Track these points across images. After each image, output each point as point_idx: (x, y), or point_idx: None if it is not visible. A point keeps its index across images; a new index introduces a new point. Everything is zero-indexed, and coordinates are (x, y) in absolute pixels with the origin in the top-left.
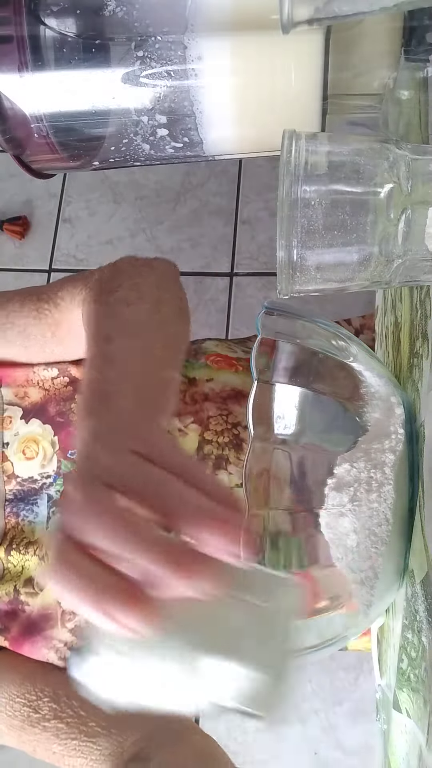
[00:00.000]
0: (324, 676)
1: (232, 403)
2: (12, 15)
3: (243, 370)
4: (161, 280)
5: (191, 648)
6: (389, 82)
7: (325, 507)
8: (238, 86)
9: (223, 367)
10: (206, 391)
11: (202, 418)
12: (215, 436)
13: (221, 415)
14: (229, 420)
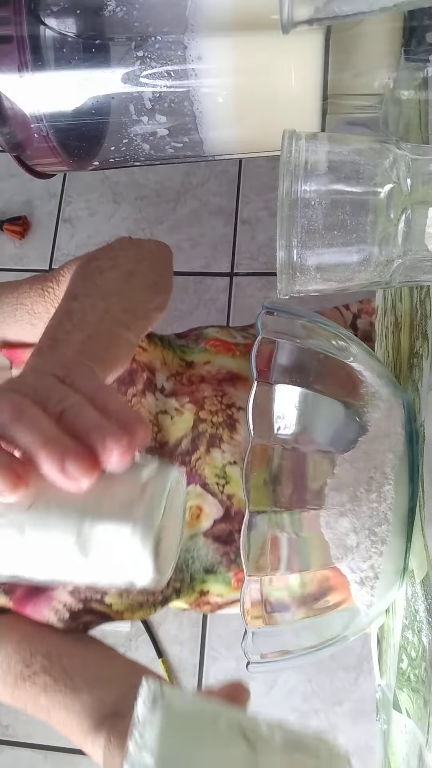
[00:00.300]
0: (324, 676)
1: (227, 385)
2: (12, 15)
3: (240, 355)
4: (142, 256)
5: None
6: (389, 82)
7: (325, 507)
8: (238, 86)
9: (221, 351)
10: (203, 373)
11: (198, 399)
12: (210, 415)
13: (216, 396)
14: (224, 401)
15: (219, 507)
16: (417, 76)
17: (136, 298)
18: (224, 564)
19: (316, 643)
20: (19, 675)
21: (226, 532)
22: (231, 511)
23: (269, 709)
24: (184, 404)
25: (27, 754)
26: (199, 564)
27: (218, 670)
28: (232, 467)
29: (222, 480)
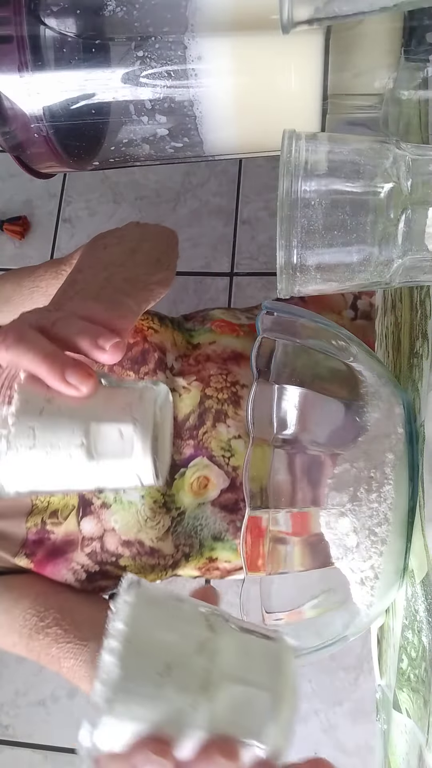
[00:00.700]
0: (324, 676)
1: (231, 364)
2: (12, 15)
3: (244, 335)
4: (147, 236)
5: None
6: (389, 82)
7: (325, 507)
8: (238, 86)
9: (226, 331)
10: (209, 352)
11: (204, 377)
12: (215, 392)
13: (221, 374)
14: (229, 379)
15: (225, 478)
16: (417, 76)
17: (138, 271)
18: (231, 531)
19: (316, 643)
20: (33, 627)
21: (232, 501)
22: (236, 482)
23: None
24: (191, 382)
25: (27, 754)
26: (208, 531)
27: None
28: (237, 441)
29: (227, 453)
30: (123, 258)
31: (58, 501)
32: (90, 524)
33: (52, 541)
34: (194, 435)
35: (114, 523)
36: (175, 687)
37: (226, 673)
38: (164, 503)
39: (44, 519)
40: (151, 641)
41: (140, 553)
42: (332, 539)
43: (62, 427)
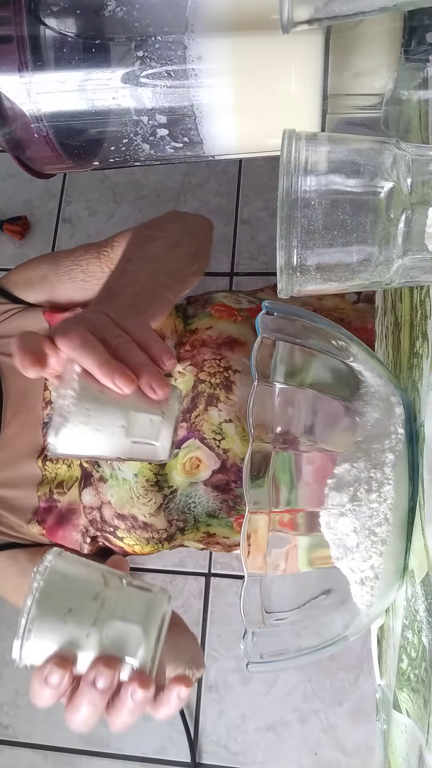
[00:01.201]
0: (324, 676)
1: (225, 350)
2: (12, 15)
3: (241, 320)
4: (187, 229)
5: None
6: (389, 82)
7: (325, 507)
8: (238, 86)
9: (224, 316)
10: (204, 337)
11: (198, 362)
12: (208, 377)
13: (215, 359)
14: (222, 364)
15: (216, 459)
16: (417, 76)
17: (178, 265)
18: (224, 510)
19: (316, 643)
20: None
21: (224, 482)
22: (227, 464)
23: (269, 709)
24: (186, 367)
25: (27, 754)
26: (201, 509)
27: (218, 670)
28: (228, 424)
29: (219, 436)
30: (166, 252)
31: (64, 473)
32: (89, 495)
33: (58, 509)
34: (187, 418)
35: (110, 497)
36: (74, 623)
37: (111, 613)
38: (156, 482)
39: (51, 489)
40: (59, 592)
41: (134, 526)
42: (332, 539)
43: (109, 412)
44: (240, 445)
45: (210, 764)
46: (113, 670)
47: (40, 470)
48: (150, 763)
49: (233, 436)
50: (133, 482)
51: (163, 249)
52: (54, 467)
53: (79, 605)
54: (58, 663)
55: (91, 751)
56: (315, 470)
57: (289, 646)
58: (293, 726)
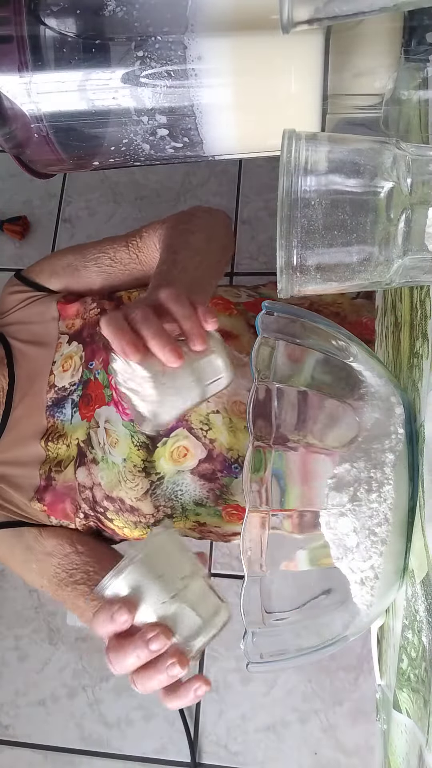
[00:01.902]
0: (324, 676)
1: None
2: (12, 15)
3: (237, 314)
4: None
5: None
6: (389, 82)
7: (325, 507)
8: (238, 86)
9: (220, 310)
10: None
11: None
12: None
13: None
14: None
15: (203, 449)
16: (417, 76)
17: (214, 257)
18: (211, 499)
19: (316, 643)
20: (63, 580)
21: (210, 471)
22: (213, 453)
23: (269, 709)
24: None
25: (27, 754)
26: (188, 497)
27: (218, 670)
28: (215, 415)
29: (206, 426)
30: (205, 245)
31: (63, 452)
32: (83, 474)
33: (53, 487)
34: None
35: (101, 479)
36: (158, 587)
37: (187, 598)
38: (144, 468)
39: (51, 467)
40: (160, 558)
41: (122, 509)
42: (332, 539)
43: (179, 376)
44: (226, 436)
45: (210, 764)
46: (168, 640)
47: (43, 450)
48: (150, 763)
49: (220, 427)
50: (122, 466)
51: (202, 242)
52: (56, 447)
53: (169, 577)
54: (128, 607)
55: (91, 751)
56: (314, 470)
57: (289, 646)
58: (293, 726)
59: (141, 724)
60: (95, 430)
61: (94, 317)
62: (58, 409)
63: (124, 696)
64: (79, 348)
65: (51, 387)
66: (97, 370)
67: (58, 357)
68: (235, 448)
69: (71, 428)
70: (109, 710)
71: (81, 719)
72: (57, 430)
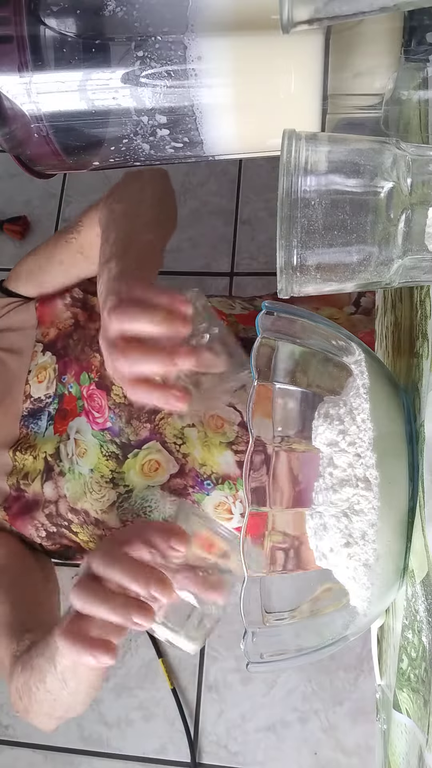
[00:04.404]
0: (324, 676)
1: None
2: (12, 15)
3: (227, 326)
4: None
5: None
6: (389, 82)
7: (325, 506)
8: (239, 86)
9: None
10: None
11: None
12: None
13: None
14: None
15: (175, 464)
16: (417, 76)
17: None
18: None
19: (316, 643)
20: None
21: (181, 487)
22: (185, 468)
23: (269, 709)
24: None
25: (27, 754)
26: (158, 514)
27: (218, 670)
28: (190, 429)
29: (179, 440)
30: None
31: (30, 464)
32: (49, 488)
33: (25, 499)
34: (151, 419)
35: (66, 490)
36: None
37: None
38: (111, 479)
39: (19, 479)
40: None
41: (86, 521)
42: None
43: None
44: (201, 451)
45: (210, 764)
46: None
47: (11, 460)
48: (150, 763)
49: (194, 441)
50: (88, 477)
51: (132, 206)
52: (23, 458)
53: None
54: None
55: (91, 751)
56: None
57: (289, 646)
58: (293, 726)
59: (141, 724)
60: (65, 443)
61: (68, 328)
62: (33, 420)
63: (124, 696)
64: (52, 360)
65: (27, 397)
66: (70, 384)
67: (33, 366)
68: (208, 463)
69: (41, 441)
70: (109, 710)
71: (81, 719)
72: (27, 441)
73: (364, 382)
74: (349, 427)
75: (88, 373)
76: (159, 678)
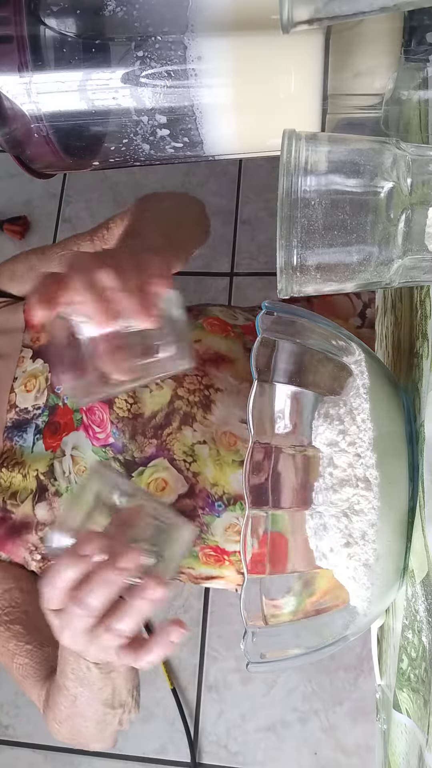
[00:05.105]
0: (324, 676)
1: (210, 366)
2: (12, 15)
3: (233, 336)
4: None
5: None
6: (389, 82)
7: (325, 506)
8: (238, 86)
9: (216, 331)
10: None
11: (178, 376)
12: (187, 393)
13: (197, 375)
14: (203, 381)
15: (184, 483)
16: (417, 76)
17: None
18: None
19: (316, 643)
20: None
21: (190, 508)
22: (195, 489)
23: (269, 709)
24: (165, 379)
25: (27, 754)
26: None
27: (218, 670)
28: (201, 446)
29: (189, 458)
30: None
31: (19, 483)
32: (43, 510)
33: (12, 521)
34: (158, 435)
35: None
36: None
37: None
38: None
39: (5, 499)
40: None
41: None
42: (332, 539)
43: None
44: (212, 470)
45: (210, 764)
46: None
47: None
48: (150, 763)
49: (205, 460)
50: None
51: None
52: (9, 475)
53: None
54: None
55: (91, 751)
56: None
57: (289, 646)
58: (293, 726)
59: (141, 724)
60: (60, 459)
61: None
62: (18, 432)
63: None
64: (44, 368)
65: (12, 407)
66: (65, 395)
67: (20, 373)
68: (220, 483)
69: (31, 458)
70: None
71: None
72: (14, 456)
73: (364, 382)
74: (349, 427)
75: None
76: (159, 678)
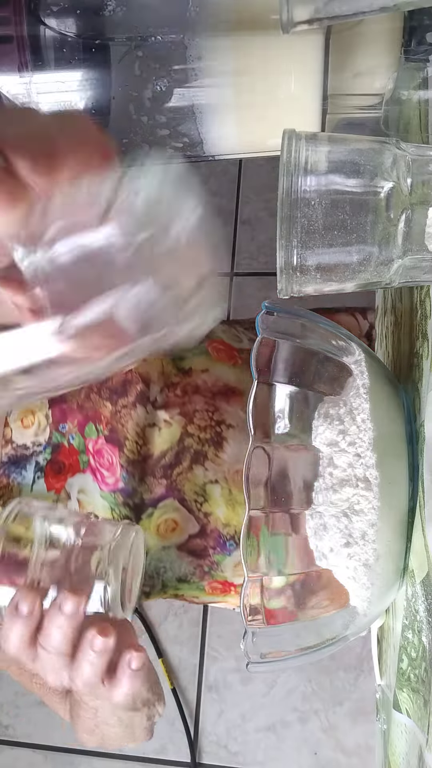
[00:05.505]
0: (324, 676)
1: (220, 400)
2: (12, 15)
3: (241, 363)
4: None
5: None
6: (389, 82)
7: (325, 507)
8: (238, 86)
9: (223, 358)
10: (198, 383)
11: (188, 411)
12: (198, 431)
13: (207, 410)
14: (215, 417)
15: (195, 523)
16: (417, 76)
17: None
18: (197, 575)
19: (316, 643)
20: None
21: (201, 548)
22: (207, 529)
23: (269, 709)
24: (174, 416)
25: (27, 754)
26: (172, 574)
27: (218, 670)
28: (213, 486)
29: (201, 498)
30: None
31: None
32: None
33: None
34: (168, 474)
35: None
36: None
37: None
38: None
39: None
40: None
41: None
42: (331, 539)
43: None
44: (225, 510)
45: (210, 764)
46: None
47: None
48: (150, 763)
49: (218, 499)
50: None
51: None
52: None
53: None
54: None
55: (91, 751)
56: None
57: (289, 646)
58: (293, 726)
59: None
60: (64, 503)
61: None
62: (16, 468)
63: None
64: (43, 404)
65: (8, 442)
66: (71, 434)
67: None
68: (232, 523)
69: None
70: None
71: None
72: (10, 494)
73: (364, 382)
74: (349, 427)
75: (95, 424)
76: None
